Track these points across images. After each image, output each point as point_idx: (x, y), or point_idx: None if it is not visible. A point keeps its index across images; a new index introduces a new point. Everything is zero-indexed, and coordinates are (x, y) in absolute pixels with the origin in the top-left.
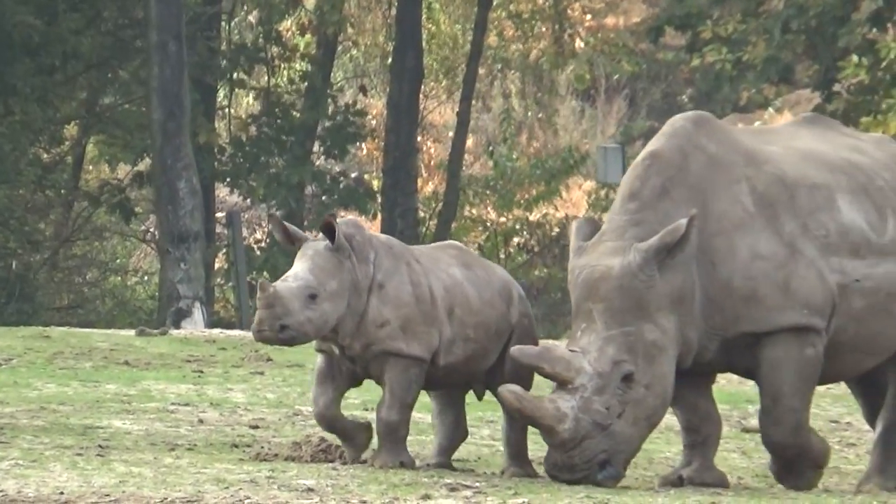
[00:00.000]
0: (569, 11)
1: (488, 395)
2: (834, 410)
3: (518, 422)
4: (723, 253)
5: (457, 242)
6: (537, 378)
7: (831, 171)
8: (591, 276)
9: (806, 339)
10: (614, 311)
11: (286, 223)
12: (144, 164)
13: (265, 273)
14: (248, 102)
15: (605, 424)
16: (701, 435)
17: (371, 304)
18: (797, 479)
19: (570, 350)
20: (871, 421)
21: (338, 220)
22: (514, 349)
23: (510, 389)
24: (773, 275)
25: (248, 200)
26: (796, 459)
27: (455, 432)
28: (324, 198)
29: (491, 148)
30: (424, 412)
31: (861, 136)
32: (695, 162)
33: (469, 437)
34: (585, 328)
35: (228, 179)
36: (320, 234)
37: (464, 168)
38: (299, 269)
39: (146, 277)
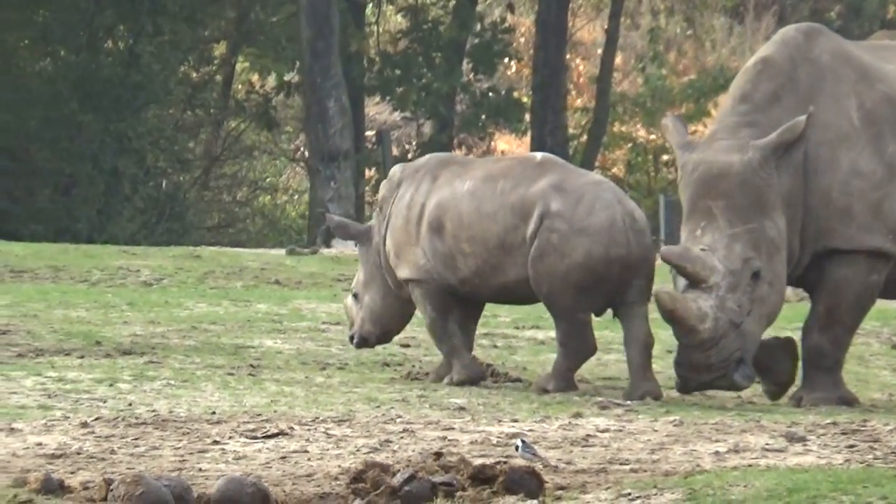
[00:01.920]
0: None
1: None
2: None
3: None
4: (825, 163)
5: (544, 154)
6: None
7: None
8: (710, 172)
9: (875, 265)
10: (737, 207)
11: (347, 220)
12: (291, 75)
13: None
14: (396, 20)
15: (738, 323)
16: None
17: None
18: (820, 393)
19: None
20: None
21: (396, 165)
22: (662, 250)
23: (666, 290)
24: (869, 194)
25: (398, 117)
26: (825, 374)
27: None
28: (474, 110)
29: (642, 65)
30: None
31: None
32: (804, 72)
33: (621, 354)
34: (706, 226)
35: (377, 89)
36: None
37: (613, 85)
38: None
39: (296, 196)
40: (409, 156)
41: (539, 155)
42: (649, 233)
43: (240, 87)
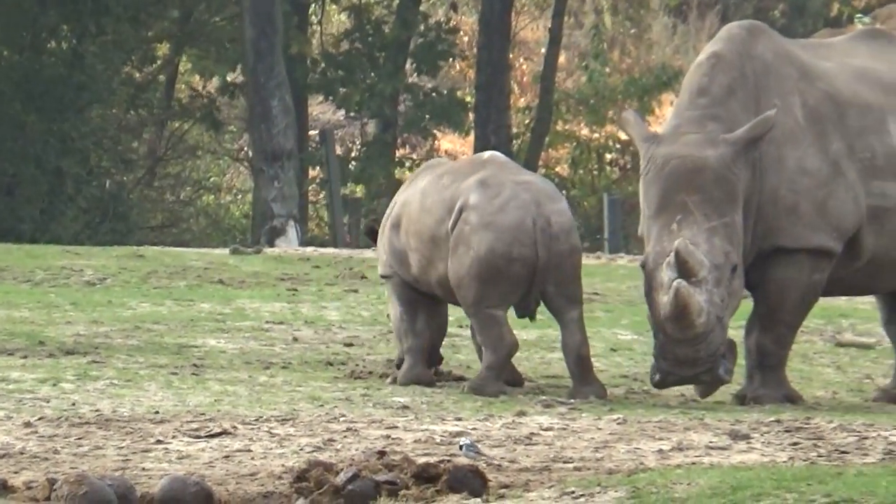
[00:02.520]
0: None
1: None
2: None
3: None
4: (773, 161)
5: (492, 153)
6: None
7: (886, 93)
8: (684, 166)
9: (818, 265)
10: (712, 201)
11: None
12: (235, 76)
13: (358, 188)
14: (339, 20)
15: (721, 317)
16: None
17: None
18: (764, 391)
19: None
20: (888, 328)
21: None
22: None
23: (685, 284)
24: (814, 192)
25: (342, 116)
26: (769, 372)
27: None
28: (417, 111)
29: (585, 63)
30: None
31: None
32: (750, 69)
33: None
34: (682, 220)
35: (319, 90)
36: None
37: (556, 84)
38: None
39: (240, 196)
40: (353, 155)
41: (487, 153)
42: (570, 240)
43: (182, 87)
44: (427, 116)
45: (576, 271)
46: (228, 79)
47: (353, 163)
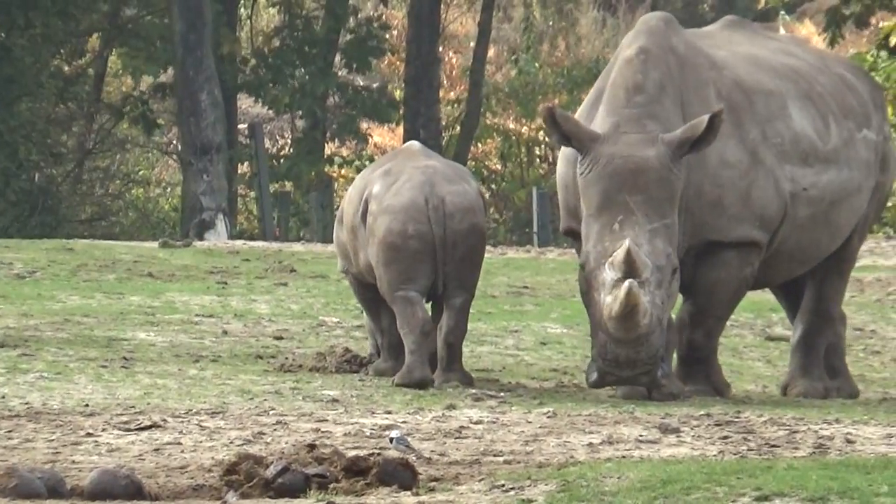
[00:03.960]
0: None
1: (497, 305)
2: (858, 318)
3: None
4: (696, 157)
5: (410, 143)
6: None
7: (779, 77)
8: (626, 166)
9: (748, 256)
10: (653, 202)
11: None
12: (167, 76)
13: (288, 182)
14: (269, 14)
15: (661, 318)
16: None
17: None
18: (694, 385)
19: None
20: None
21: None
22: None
23: (636, 284)
24: (737, 183)
25: (271, 111)
26: (700, 365)
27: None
28: (347, 108)
29: (515, 56)
30: None
31: (779, 38)
32: (673, 63)
33: (494, 346)
34: (623, 220)
35: (250, 90)
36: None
37: (486, 77)
38: None
39: (169, 189)
40: (283, 152)
41: (406, 144)
42: (468, 220)
43: (112, 88)
44: (355, 113)
45: (473, 253)
46: (159, 79)
47: (283, 160)
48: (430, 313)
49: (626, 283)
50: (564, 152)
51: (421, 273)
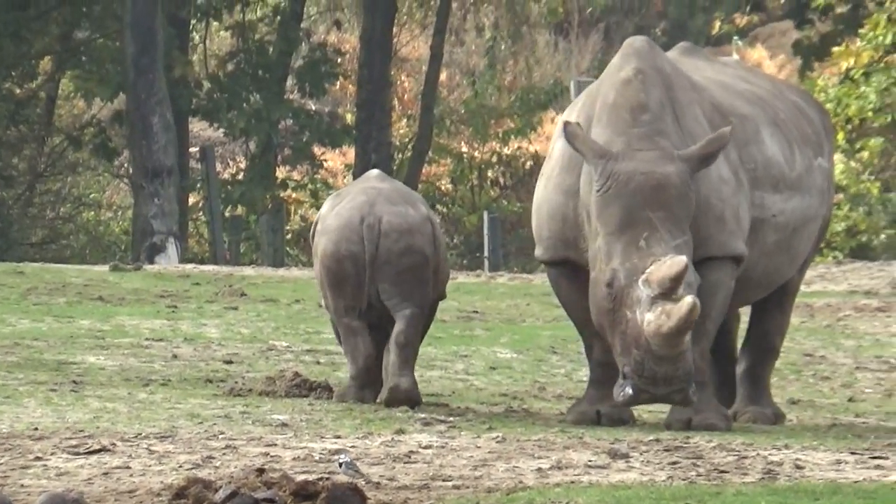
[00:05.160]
0: None
1: (447, 330)
2: (808, 344)
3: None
4: (701, 173)
5: (371, 171)
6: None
7: (749, 103)
8: (648, 183)
9: (735, 270)
10: (675, 219)
11: None
12: (121, 102)
13: (240, 207)
14: (221, 38)
15: (691, 336)
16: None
17: None
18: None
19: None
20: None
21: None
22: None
23: (698, 300)
24: (731, 199)
25: (222, 134)
26: (705, 390)
27: None
28: (299, 134)
29: (473, 78)
30: None
31: (731, 64)
32: (663, 82)
33: (444, 371)
34: (649, 237)
35: (204, 114)
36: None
37: (439, 101)
38: None
39: (120, 213)
40: (235, 176)
41: (373, 171)
42: (406, 241)
43: (63, 113)
44: (307, 138)
45: (413, 273)
46: (112, 105)
47: (234, 185)
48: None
49: (689, 299)
50: (560, 184)
51: (358, 297)
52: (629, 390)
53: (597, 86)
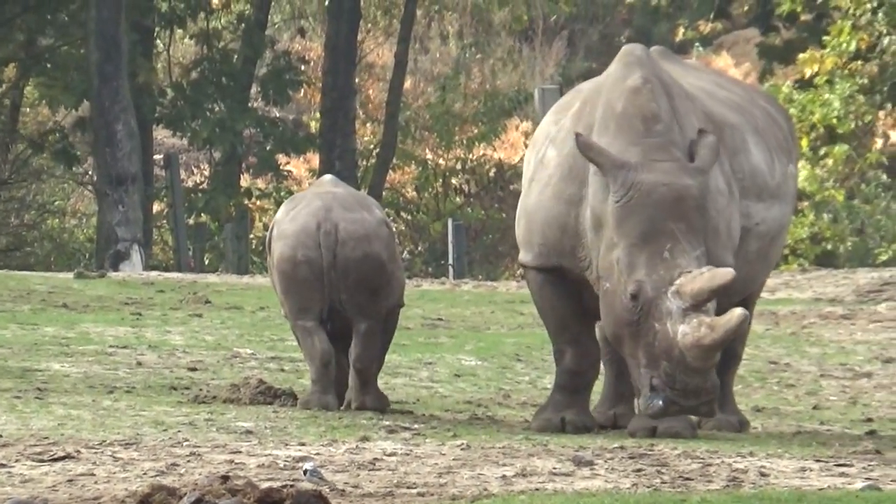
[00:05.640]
0: None
1: (411, 337)
2: (773, 351)
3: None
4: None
5: (325, 176)
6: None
7: (733, 111)
8: (670, 194)
9: None
10: (694, 230)
11: None
12: (85, 109)
13: (205, 215)
14: (186, 45)
15: None
16: (587, 378)
17: None
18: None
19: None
20: None
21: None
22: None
23: (745, 311)
24: (724, 211)
25: (187, 142)
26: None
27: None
28: (264, 143)
29: (442, 84)
30: None
31: (705, 70)
32: (666, 91)
33: (408, 378)
34: (672, 248)
35: (168, 123)
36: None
37: (404, 108)
38: None
39: (84, 220)
40: (200, 185)
41: (326, 177)
42: (363, 249)
43: (28, 120)
44: (271, 147)
45: (369, 281)
46: (76, 112)
47: (199, 193)
48: (332, 341)
49: (739, 311)
50: (560, 193)
51: (314, 300)
52: (659, 402)
53: (593, 93)
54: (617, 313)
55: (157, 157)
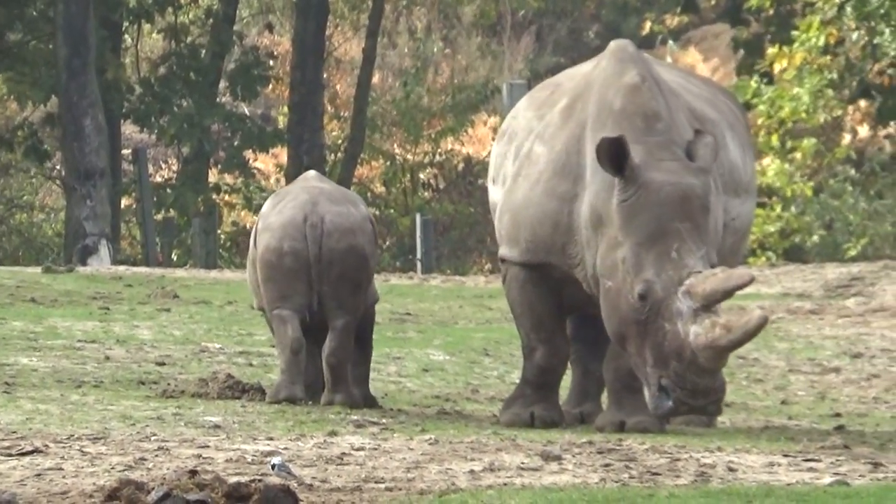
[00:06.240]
0: None
1: (380, 332)
2: (741, 347)
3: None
4: None
5: (309, 171)
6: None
7: (709, 106)
8: (676, 193)
9: None
10: (699, 230)
11: None
12: (54, 105)
13: (173, 210)
14: (153, 40)
15: None
16: (556, 375)
17: None
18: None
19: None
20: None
21: None
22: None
23: (764, 313)
24: (715, 209)
25: (155, 137)
26: (640, 394)
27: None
28: (232, 138)
29: (405, 79)
30: None
31: (670, 66)
32: (660, 88)
33: (376, 373)
34: (679, 248)
35: (136, 119)
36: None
37: (372, 103)
38: None
39: (52, 214)
40: (167, 180)
41: (311, 172)
42: (348, 241)
43: None
44: (239, 143)
45: (351, 274)
46: (45, 107)
47: (168, 189)
48: (305, 333)
49: (760, 312)
50: (552, 190)
51: (296, 291)
52: (669, 403)
53: (583, 89)
54: (623, 312)
55: (125, 152)
